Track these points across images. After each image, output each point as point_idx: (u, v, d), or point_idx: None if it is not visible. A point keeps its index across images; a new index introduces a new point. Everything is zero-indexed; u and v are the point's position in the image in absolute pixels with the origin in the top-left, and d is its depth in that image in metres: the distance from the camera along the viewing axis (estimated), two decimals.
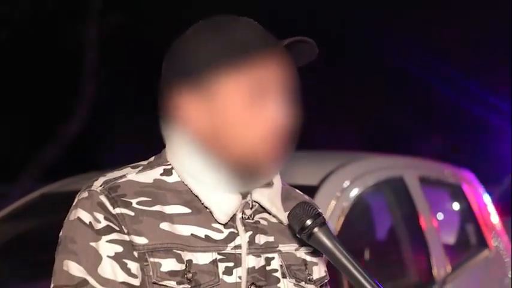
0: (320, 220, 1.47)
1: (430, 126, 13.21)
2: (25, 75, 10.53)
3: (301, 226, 1.47)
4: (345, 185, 3.40)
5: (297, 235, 1.52)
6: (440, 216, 4.89)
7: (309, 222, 1.47)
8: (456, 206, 4.75)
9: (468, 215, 4.59)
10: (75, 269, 1.43)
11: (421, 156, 5.00)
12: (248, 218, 1.54)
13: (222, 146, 1.49)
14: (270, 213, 1.58)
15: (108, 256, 1.43)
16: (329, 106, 12.17)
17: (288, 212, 1.58)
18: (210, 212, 1.50)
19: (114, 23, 9.80)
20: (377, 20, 11.61)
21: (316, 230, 1.47)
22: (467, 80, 11.93)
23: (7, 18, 9.40)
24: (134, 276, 1.44)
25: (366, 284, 1.43)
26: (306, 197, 1.71)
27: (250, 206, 1.55)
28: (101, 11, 9.66)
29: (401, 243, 3.81)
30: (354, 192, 3.43)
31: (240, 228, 1.52)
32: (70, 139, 9.68)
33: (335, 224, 3.18)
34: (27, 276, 3.23)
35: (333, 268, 1.52)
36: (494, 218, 4.70)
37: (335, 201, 3.26)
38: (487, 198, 4.77)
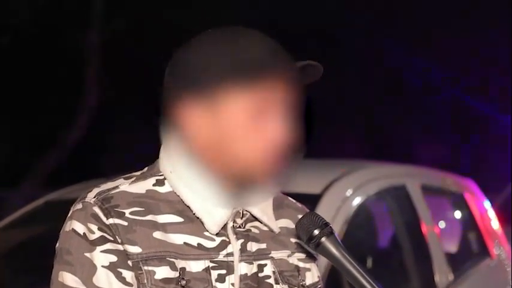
0: (328, 230, 1.48)
1: (431, 135, 13.21)
2: (27, 82, 10.54)
3: (309, 236, 1.48)
4: (348, 194, 3.40)
5: (305, 245, 1.52)
6: (442, 224, 4.89)
7: (316, 232, 1.47)
8: (458, 214, 4.76)
9: (470, 224, 4.60)
10: (70, 279, 1.45)
11: (423, 165, 5.01)
12: (239, 227, 1.55)
13: (222, 159, 1.49)
14: (261, 222, 1.59)
15: (103, 266, 1.45)
16: (331, 115, 12.17)
17: (279, 220, 1.61)
18: (202, 222, 1.52)
19: (115, 30, 9.82)
20: (377, 27, 11.62)
21: (323, 239, 1.47)
22: (468, 89, 11.93)
23: (8, 24, 9.42)
24: (129, 284, 1.46)
25: None
26: (299, 205, 1.72)
27: (241, 215, 1.56)
28: (102, 19, 9.68)
29: (404, 251, 3.81)
30: (357, 200, 3.43)
31: (232, 236, 1.54)
32: (71, 146, 9.68)
33: (338, 232, 3.19)
34: (31, 282, 3.24)
35: (336, 276, 1.52)
36: (496, 227, 4.70)
37: (338, 210, 3.27)
38: (488, 207, 4.77)
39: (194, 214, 1.52)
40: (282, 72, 1.49)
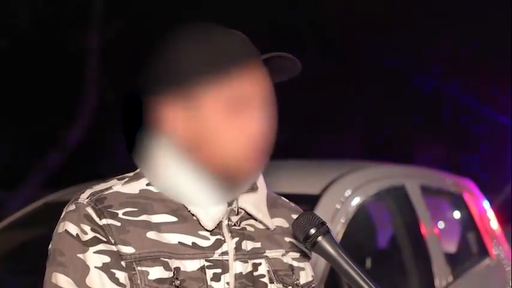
0: (324, 229, 1.49)
1: (430, 136, 13.20)
2: (26, 82, 10.53)
3: (305, 235, 1.49)
4: (347, 194, 3.40)
5: (301, 244, 1.53)
6: (441, 225, 4.90)
7: (312, 231, 1.48)
8: (457, 214, 4.76)
9: (469, 224, 4.60)
10: (63, 281, 1.46)
11: (422, 165, 5.01)
12: (234, 225, 1.56)
13: (204, 155, 1.51)
14: (256, 220, 1.59)
15: (96, 267, 1.46)
16: (330, 115, 12.17)
17: (273, 219, 1.62)
18: (197, 220, 1.52)
19: (115, 30, 9.82)
20: (377, 29, 11.62)
21: (320, 238, 1.48)
22: (468, 89, 11.93)
23: (7, 26, 9.42)
24: (122, 285, 1.47)
25: None
26: (292, 204, 1.73)
27: (236, 212, 1.57)
28: (102, 19, 9.68)
29: (403, 252, 3.81)
30: (356, 201, 3.44)
31: (227, 234, 1.54)
32: (71, 147, 9.67)
33: (337, 232, 3.19)
34: (31, 283, 3.24)
35: (335, 276, 1.52)
36: (495, 227, 4.70)
37: (337, 210, 3.27)
38: (487, 207, 4.77)
39: (189, 211, 1.52)
40: (253, 65, 1.51)
